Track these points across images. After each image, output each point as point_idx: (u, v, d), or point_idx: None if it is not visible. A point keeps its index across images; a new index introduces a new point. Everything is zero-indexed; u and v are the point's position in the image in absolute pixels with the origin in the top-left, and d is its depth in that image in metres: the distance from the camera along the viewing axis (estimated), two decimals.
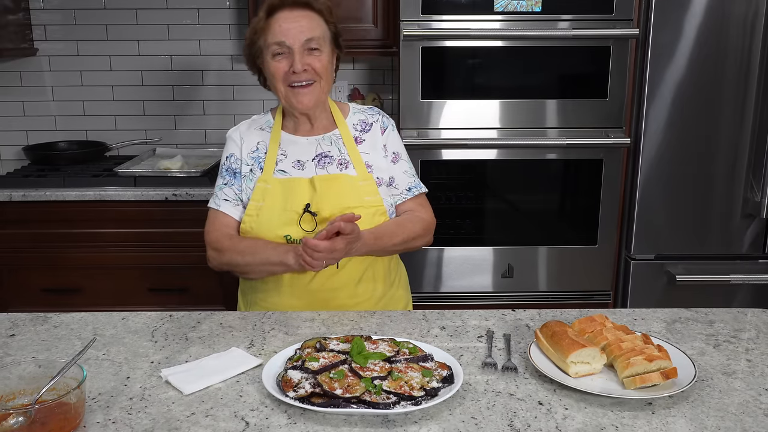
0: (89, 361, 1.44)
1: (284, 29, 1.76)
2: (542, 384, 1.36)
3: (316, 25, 1.79)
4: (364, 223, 1.77)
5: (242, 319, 1.66)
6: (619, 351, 1.34)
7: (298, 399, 1.26)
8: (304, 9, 1.79)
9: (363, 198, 1.82)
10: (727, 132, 2.78)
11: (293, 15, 1.77)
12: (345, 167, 1.85)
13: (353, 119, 1.92)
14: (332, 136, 1.89)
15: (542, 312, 1.70)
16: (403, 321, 1.66)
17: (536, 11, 2.71)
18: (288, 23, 1.76)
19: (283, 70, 1.78)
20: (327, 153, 1.86)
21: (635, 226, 2.87)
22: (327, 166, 1.85)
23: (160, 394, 1.32)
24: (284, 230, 1.79)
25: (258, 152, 1.87)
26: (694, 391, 1.33)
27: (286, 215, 1.79)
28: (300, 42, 1.76)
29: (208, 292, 2.97)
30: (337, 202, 1.79)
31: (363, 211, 1.78)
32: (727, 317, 1.68)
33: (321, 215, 1.78)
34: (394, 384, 1.29)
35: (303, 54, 1.77)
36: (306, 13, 1.78)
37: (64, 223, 2.88)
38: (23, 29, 3.26)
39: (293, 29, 1.76)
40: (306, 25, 1.77)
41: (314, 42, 1.77)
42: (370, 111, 1.96)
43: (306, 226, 1.78)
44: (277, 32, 1.76)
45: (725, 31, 2.69)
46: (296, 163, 1.86)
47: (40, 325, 1.61)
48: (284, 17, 1.77)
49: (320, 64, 1.79)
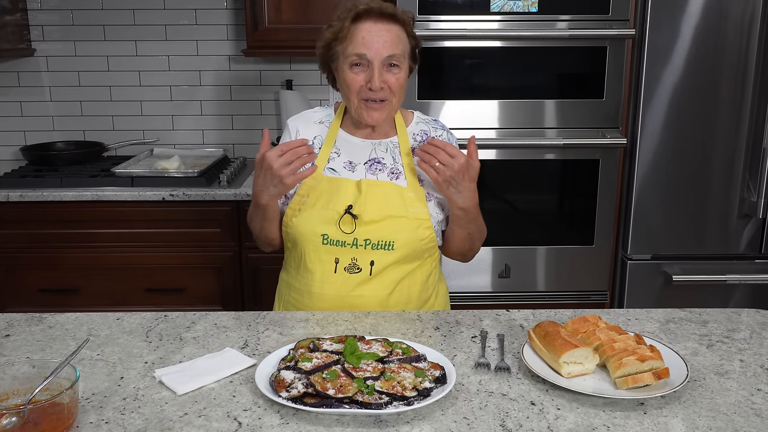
0: (83, 361, 1.44)
1: (367, 41, 1.69)
2: (535, 384, 1.36)
3: (398, 40, 1.72)
4: (406, 234, 1.75)
5: (237, 319, 1.67)
6: (612, 351, 1.35)
7: (290, 399, 1.26)
8: (389, 21, 1.72)
9: (408, 209, 1.77)
10: (724, 132, 2.78)
11: (377, 27, 1.70)
12: (396, 177, 1.81)
13: (415, 128, 1.88)
14: (389, 143, 1.84)
15: (537, 312, 1.71)
16: (398, 321, 1.66)
17: (533, 11, 2.72)
18: (372, 35, 1.69)
19: (360, 84, 1.72)
20: (380, 159, 1.82)
21: (632, 226, 2.87)
22: (378, 173, 1.81)
23: (153, 394, 1.32)
24: (323, 228, 1.75)
25: (313, 147, 1.80)
26: (686, 391, 1.33)
27: (326, 213, 1.76)
28: (381, 57, 1.70)
29: (206, 293, 2.98)
30: (381, 209, 1.75)
31: (406, 222, 1.75)
32: (721, 317, 1.68)
33: (362, 218, 1.74)
34: (386, 384, 1.29)
35: (382, 70, 1.70)
36: (390, 27, 1.71)
37: (62, 223, 2.88)
38: (21, 29, 3.26)
39: (376, 43, 1.69)
40: (389, 40, 1.70)
41: (395, 59, 1.71)
42: (435, 123, 1.91)
43: (345, 227, 1.74)
44: (359, 43, 1.70)
45: (722, 31, 2.69)
46: (347, 164, 1.82)
47: (35, 326, 1.62)
48: (368, 28, 1.70)
49: (397, 82, 1.73)
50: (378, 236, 1.74)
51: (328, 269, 1.77)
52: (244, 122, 3.47)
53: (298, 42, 3.01)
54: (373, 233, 1.74)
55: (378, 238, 1.74)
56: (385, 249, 1.75)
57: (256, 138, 3.47)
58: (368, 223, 1.74)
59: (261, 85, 3.42)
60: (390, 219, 1.75)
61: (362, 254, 1.76)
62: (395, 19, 1.72)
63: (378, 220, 1.74)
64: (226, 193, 2.87)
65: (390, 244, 1.75)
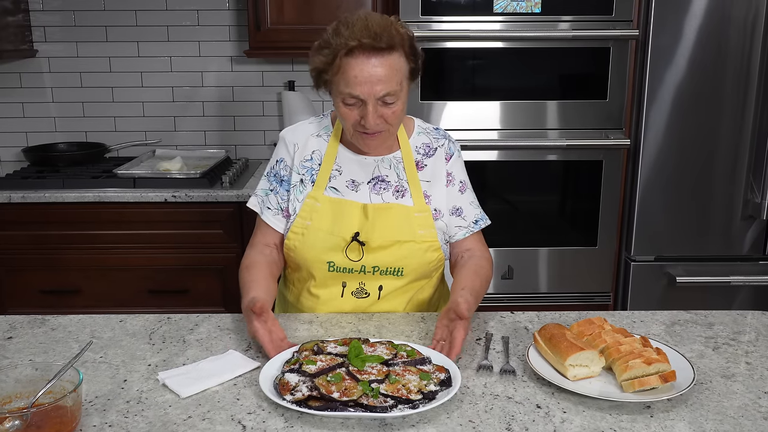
0: (86, 363, 1.43)
1: (359, 81, 1.56)
2: (540, 387, 1.35)
3: (394, 74, 1.58)
4: (415, 258, 1.71)
5: (240, 321, 1.66)
6: (618, 354, 1.34)
7: (295, 402, 1.25)
8: (384, 54, 1.56)
9: (416, 232, 1.71)
10: (728, 133, 2.77)
11: (370, 64, 1.55)
12: (402, 195, 1.74)
13: (417, 141, 1.79)
14: (392, 158, 1.76)
15: (541, 314, 1.70)
16: (402, 323, 1.65)
17: (536, 12, 2.71)
18: (363, 74, 1.55)
19: (354, 119, 1.62)
20: (384, 177, 1.75)
21: (635, 227, 2.86)
22: (382, 193, 1.74)
23: (157, 397, 1.32)
24: (329, 256, 1.70)
25: (312, 162, 1.76)
26: (693, 394, 1.32)
27: (332, 240, 1.69)
28: (375, 96, 1.57)
29: (209, 294, 2.96)
30: (389, 235, 1.69)
31: (415, 247, 1.71)
32: (727, 319, 1.67)
33: (369, 245, 1.69)
34: (391, 387, 1.28)
35: (377, 106, 1.59)
36: (385, 61, 1.56)
37: (63, 224, 2.87)
38: (23, 30, 3.25)
39: (369, 84, 1.56)
40: (383, 76, 1.56)
41: (390, 97, 1.59)
42: (436, 134, 1.82)
43: (352, 255, 1.69)
44: (350, 82, 1.56)
45: (725, 32, 2.68)
46: (350, 183, 1.74)
47: (37, 328, 1.61)
48: (360, 66, 1.55)
49: (394, 115, 1.62)
50: (386, 263, 1.71)
51: (335, 293, 1.75)
52: (247, 123, 3.46)
53: (300, 43, 2.95)
54: (382, 260, 1.71)
55: (386, 264, 1.71)
56: (395, 275, 1.73)
57: (258, 139, 3.47)
58: (376, 249, 1.70)
59: (263, 86, 3.41)
60: (398, 245, 1.70)
61: (370, 279, 1.73)
62: (391, 49, 1.58)
63: (386, 246, 1.70)
64: (228, 194, 2.86)
65: (399, 270, 1.72)
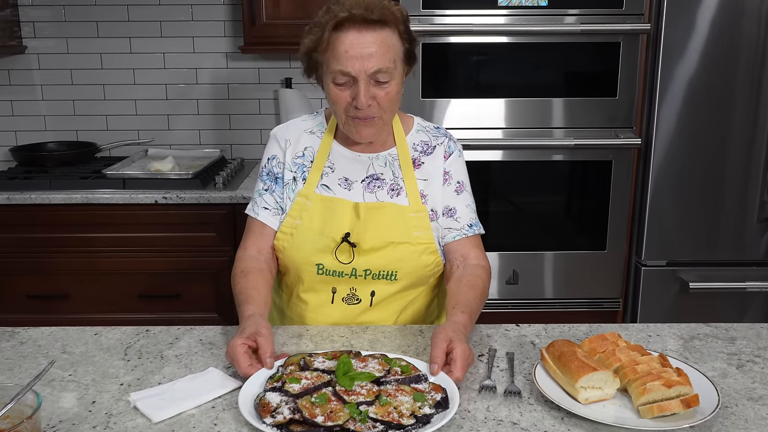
0: (53, 383, 1.32)
1: (350, 57, 1.49)
2: (549, 411, 1.23)
3: (387, 49, 1.51)
4: (409, 261, 1.61)
5: (224, 335, 1.55)
6: (634, 374, 1.22)
7: (275, 426, 1.14)
8: (375, 28, 1.50)
9: (411, 233, 1.62)
10: (742, 132, 2.67)
11: (362, 38, 1.49)
12: (397, 194, 1.65)
13: (414, 138, 1.70)
14: (388, 155, 1.68)
15: (548, 327, 1.58)
16: (398, 337, 1.54)
17: (542, 5, 2.62)
18: (355, 49, 1.48)
19: (346, 101, 1.54)
20: (379, 175, 1.66)
21: (646, 230, 2.76)
22: (376, 191, 1.65)
23: (126, 421, 1.20)
24: (317, 258, 1.61)
25: (304, 159, 1.68)
26: (718, 420, 1.20)
27: (322, 241, 1.61)
28: (367, 73, 1.50)
29: (201, 299, 2.86)
30: (381, 235, 1.60)
31: (409, 249, 1.61)
32: (750, 333, 1.55)
33: (360, 246, 1.59)
34: (381, 410, 1.17)
35: (369, 85, 1.51)
36: (377, 34, 1.50)
37: (51, 227, 2.77)
38: (11, 26, 3.16)
39: (361, 57, 1.49)
40: (376, 52, 1.49)
41: (382, 74, 1.51)
42: (436, 132, 1.73)
43: (342, 257, 1.60)
44: (341, 59, 1.49)
45: (739, 25, 2.59)
46: (343, 181, 1.66)
47: (5, 342, 1.50)
48: (351, 41, 1.49)
49: (387, 97, 1.54)
50: (379, 266, 1.60)
51: (324, 299, 1.65)
52: (242, 122, 3.36)
53: (297, 38, 2.79)
54: (374, 263, 1.60)
55: (379, 267, 1.61)
56: (387, 279, 1.62)
57: (254, 138, 3.37)
58: (368, 251, 1.60)
59: (259, 83, 3.31)
60: (391, 246, 1.60)
61: (362, 284, 1.63)
62: (383, 23, 1.50)
63: (378, 248, 1.60)
64: (221, 195, 2.75)
65: (392, 274, 1.61)
